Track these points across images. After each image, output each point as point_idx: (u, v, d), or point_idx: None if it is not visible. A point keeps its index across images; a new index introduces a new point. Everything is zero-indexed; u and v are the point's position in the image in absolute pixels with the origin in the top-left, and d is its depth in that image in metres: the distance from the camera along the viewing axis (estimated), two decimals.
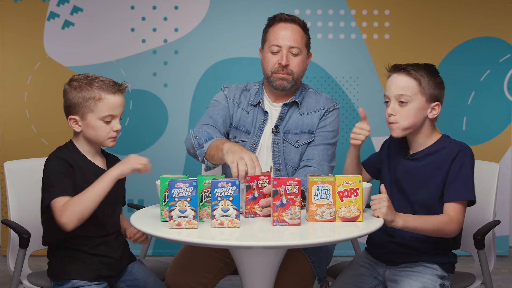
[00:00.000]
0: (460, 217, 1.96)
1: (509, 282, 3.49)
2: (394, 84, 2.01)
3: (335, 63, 3.98)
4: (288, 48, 2.28)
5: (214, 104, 2.40)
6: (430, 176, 2.01)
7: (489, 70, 3.96)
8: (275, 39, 2.30)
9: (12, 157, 2.55)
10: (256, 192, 1.89)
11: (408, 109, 1.99)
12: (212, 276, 2.24)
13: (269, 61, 2.31)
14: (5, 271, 3.52)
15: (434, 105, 2.01)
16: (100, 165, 2.03)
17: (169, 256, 3.90)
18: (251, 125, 2.37)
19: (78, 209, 1.82)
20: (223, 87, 2.45)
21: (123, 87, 1.99)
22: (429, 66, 2.04)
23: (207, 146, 2.14)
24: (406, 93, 1.98)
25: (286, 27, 2.31)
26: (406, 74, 1.99)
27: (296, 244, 1.71)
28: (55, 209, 1.85)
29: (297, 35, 2.30)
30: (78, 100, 1.94)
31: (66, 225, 1.82)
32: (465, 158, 1.98)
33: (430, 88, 1.99)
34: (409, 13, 3.95)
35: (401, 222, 1.87)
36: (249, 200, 1.89)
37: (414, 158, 2.05)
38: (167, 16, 3.96)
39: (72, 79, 1.98)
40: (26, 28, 3.95)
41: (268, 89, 2.39)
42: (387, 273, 2.09)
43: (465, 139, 2.09)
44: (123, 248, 2.09)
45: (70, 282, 1.94)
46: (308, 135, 2.32)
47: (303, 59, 2.32)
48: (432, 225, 1.92)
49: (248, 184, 1.87)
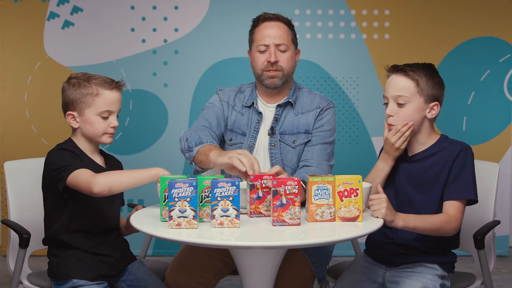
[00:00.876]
0: (459, 216, 1.96)
1: (509, 282, 3.49)
2: (392, 85, 2.01)
3: (335, 63, 3.98)
4: (275, 45, 2.29)
5: (209, 107, 2.41)
6: (434, 177, 2.01)
7: (489, 70, 3.96)
8: (262, 38, 2.30)
9: (12, 157, 2.55)
10: (260, 191, 1.88)
11: (406, 110, 1.99)
12: (212, 276, 2.24)
13: (258, 60, 2.31)
14: (5, 271, 3.52)
15: (433, 105, 2.01)
16: (99, 163, 2.04)
17: (169, 256, 3.90)
18: (246, 127, 2.37)
19: (113, 178, 1.85)
20: (218, 90, 2.46)
21: (120, 84, 2.03)
22: (428, 66, 2.03)
23: (196, 150, 2.15)
24: (404, 94, 1.98)
25: (270, 25, 2.31)
26: (404, 75, 1.99)
27: (296, 244, 1.71)
28: (81, 177, 1.85)
29: (283, 31, 2.31)
30: (76, 96, 1.97)
31: (95, 185, 1.82)
32: (467, 157, 1.98)
33: (429, 89, 1.99)
34: (409, 13, 3.95)
35: (401, 222, 1.87)
36: (254, 200, 1.88)
37: (415, 160, 2.05)
38: (167, 16, 3.96)
39: (70, 77, 2.02)
40: (26, 28, 3.95)
41: (261, 90, 2.39)
42: (387, 275, 2.08)
43: (465, 139, 2.09)
44: (123, 248, 2.10)
45: (70, 281, 1.94)
46: (304, 135, 2.32)
47: (291, 55, 2.32)
48: (432, 224, 1.92)
49: (252, 183, 1.86)
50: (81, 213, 1.98)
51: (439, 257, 2.03)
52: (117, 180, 1.86)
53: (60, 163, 1.92)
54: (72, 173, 1.87)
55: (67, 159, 1.92)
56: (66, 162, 1.91)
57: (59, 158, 1.94)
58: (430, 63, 2.05)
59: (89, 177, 1.84)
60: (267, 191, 1.87)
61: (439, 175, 2.00)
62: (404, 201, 2.05)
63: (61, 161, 1.92)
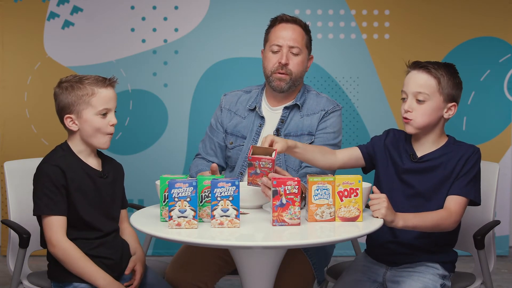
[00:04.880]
0: (460, 211, 1.96)
1: (509, 282, 3.49)
2: (413, 81, 2.00)
3: (335, 63, 3.98)
4: (288, 47, 2.29)
5: (211, 130, 2.47)
6: (446, 177, 2.00)
7: (489, 70, 3.96)
8: (276, 38, 2.31)
9: (12, 157, 2.54)
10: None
11: (425, 107, 1.98)
12: (212, 274, 2.24)
13: (270, 60, 2.32)
14: (5, 271, 3.52)
15: (451, 105, 2.01)
16: (94, 166, 2.03)
17: (169, 256, 3.89)
18: (247, 130, 2.38)
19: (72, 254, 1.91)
20: (222, 96, 2.50)
21: (113, 81, 2.01)
22: (450, 65, 2.03)
23: None
24: (425, 91, 1.97)
25: (287, 27, 2.32)
26: (426, 72, 1.98)
27: (296, 244, 1.71)
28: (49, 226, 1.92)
29: (298, 35, 2.31)
30: (72, 99, 1.96)
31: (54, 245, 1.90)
32: (477, 160, 2.00)
33: (449, 88, 1.98)
34: (409, 13, 3.95)
35: (401, 222, 1.87)
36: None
37: (426, 160, 2.03)
38: (167, 16, 3.96)
39: (61, 82, 2.00)
40: (26, 28, 3.95)
41: (269, 93, 2.39)
42: (388, 275, 2.08)
43: (465, 139, 2.10)
44: (123, 248, 2.08)
45: (71, 285, 1.94)
46: (307, 137, 2.32)
47: (303, 60, 2.33)
48: (432, 221, 1.92)
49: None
50: (75, 224, 1.97)
51: (441, 256, 2.03)
52: (73, 259, 1.90)
53: (38, 194, 1.93)
54: (45, 218, 1.92)
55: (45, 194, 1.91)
56: (43, 199, 1.91)
57: (39, 187, 1.93)
58: (452, 63, 2.05)
59: (55, 232, 1.90)
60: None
61: (449, 175, 1.99)
62: (418, 204, 2.02)
63: (40, 193, 1.93)
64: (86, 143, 2.01)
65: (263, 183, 1.89)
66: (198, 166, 2.39)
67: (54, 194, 1.91)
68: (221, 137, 2.43)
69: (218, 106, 2.49)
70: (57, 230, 1.90)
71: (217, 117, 2.46)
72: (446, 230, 1.96)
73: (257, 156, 1.89)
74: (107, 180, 2.04)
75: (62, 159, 1.96)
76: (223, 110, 2.45)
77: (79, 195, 1.95)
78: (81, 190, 1.96)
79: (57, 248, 1.90)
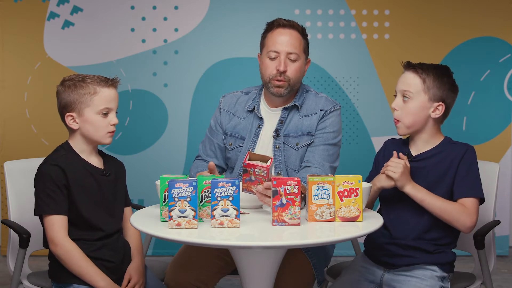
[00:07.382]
0: (475, 211, 1.98)
1: (509, 282, 3.49)
2: (402, 80, 2.07)
3: (335, 63, 3.98)
4: (286, 53, 2.28)
5: (211, 131, 2.47)
6: (438, 177, 2.02)
7: (489, 70, 3.96)
8: (273, 44, 2.30)
9: (12, 157, 2.54)
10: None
11: (410, 106, 2.02)
12: (212, 274, 2.24)
13: (267, 67, 2.31)
14: (5, 271, 3.52)
15: (437, 105, 2.02)
16: (96, 164, 2.04)
17: (169, 256, 3.89)
18: (246, 131, 2.38)
19: (74, 254, 1.92)
20: (221, 98, 2.50)
21: (116, 81, 2.03)
22: (441, 67, 2.07)
23: None
24: (410, 89, 2.03)
25: (284, 32, 2.30)
26: (413, 71, 2.04)
27: (296, 244, 1.71)
28: (51, 226, 1.92)
29: (295, 40, 2.30)
30: (74, 97, 1.97)
31: (56, 244, 1.91)
32: (473, 157, 2.02)
33: (435, 88, 2.01)
34: (409, 13, 3.95)
35: (410, 187, 1.94)
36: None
37: (420, 159, 2.06)
38: (167, 16, 3.96)
39: (64, 80, 2.01)
40: (26, 28, 3.95)
41: (267, 95, 2.39)
42: (385, 277, 2.08)
43: (465, 139, 2.10)
44: (125, 250, 2.08)
45: (71, 286, 1.94)
46: (307, 137, 2.32)
47: (301, 65, 2.32)
48: (442, 204, 1.95)
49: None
50: (77, 224, 1.97)
51: (439, 256, 2.03)
52: (74, 259, 1.91)
53: (40, 194, 1.94)
54: (46, 217, 1.93)
55: (46, 194, 1.92)
56: (44, 198, 1.92)
57: (41, 187, 1.94)
58: (446, 65, 2.08)
59: (57, 231, 1.91)
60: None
61: (444, 174, 2.01)
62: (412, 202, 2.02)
63: (41, 193, 1.94)
64: (88, 142, 2.02)
65: (258, 191, 1.89)
66: (198, 167, 2.39)
67: (55, 193, 1.92)
68: (221, 138, 2.43)
69: (217, 108, 2.49)
70: (58, 230, 1.91)
71: (216, 118, 2.46)
72: (463, 226, 1.97)
73: (252, 163, 1.90)
74: (109, 178, 2.05)
75: (62, 158, 1.97)
76: (222, 111, 2.45)
77: (82, 194, 1.96)
78: (84, 189, 1.97)
79: (59, 247, 1.91)
